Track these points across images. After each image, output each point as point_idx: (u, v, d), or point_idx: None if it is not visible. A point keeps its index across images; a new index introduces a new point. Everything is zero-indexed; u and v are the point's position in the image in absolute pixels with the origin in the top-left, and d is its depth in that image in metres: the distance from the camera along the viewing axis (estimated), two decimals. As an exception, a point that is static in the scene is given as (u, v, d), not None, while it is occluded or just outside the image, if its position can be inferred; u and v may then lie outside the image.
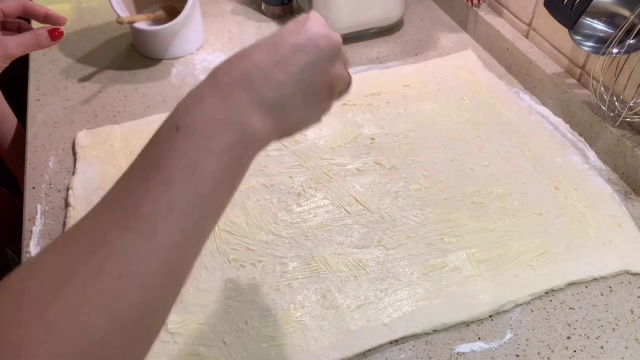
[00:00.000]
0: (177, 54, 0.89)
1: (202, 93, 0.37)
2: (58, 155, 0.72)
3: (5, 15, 0.63)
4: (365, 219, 0.63)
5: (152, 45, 0.88)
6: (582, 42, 0.68)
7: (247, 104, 0.36)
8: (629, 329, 0.54)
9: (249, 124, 0.36)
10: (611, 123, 0.70)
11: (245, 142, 0.36)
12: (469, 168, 0.70)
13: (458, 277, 0.57)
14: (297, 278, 0.57)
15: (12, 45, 0.60)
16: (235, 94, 0.36)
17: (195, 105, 0.36)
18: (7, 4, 0.62)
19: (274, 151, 0.71)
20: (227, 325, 0.53)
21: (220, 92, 0.36)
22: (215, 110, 0.35)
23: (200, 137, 0.34)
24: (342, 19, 0.90)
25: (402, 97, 0.81)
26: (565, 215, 0.64)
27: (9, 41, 0.60)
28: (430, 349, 0.52)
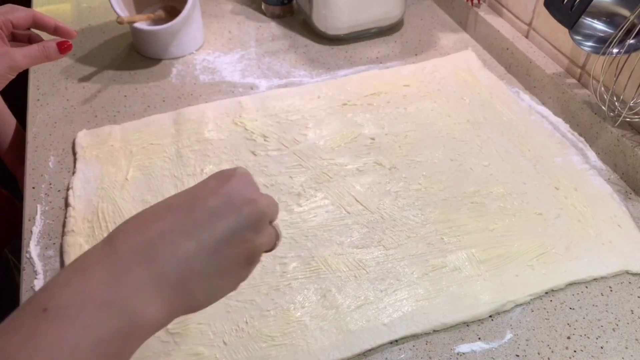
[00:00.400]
0: (177, 54, 0.89)
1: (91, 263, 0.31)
2: (58, 155, 0.72)
3: (14, 27, 0.62)
4: (365, 219, 0.63)
5: (152, 45, 0.88)
6: (582, 42, 0.68)
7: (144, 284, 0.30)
8: (629, 329, 0.54)
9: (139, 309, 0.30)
10: (611, 123, 0.70)
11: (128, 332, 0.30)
12: (469, 168, 0.70)
13: (458, 277, 0.57)
14: (297, 278, 0.57)
15: (20, 56, 0.59)
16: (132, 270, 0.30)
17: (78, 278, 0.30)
18: (16, 15, 0.62)
19: (274, 151, 0.71)
20: (227, 325, 0.53)
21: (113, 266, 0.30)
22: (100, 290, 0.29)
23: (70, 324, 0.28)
24: (342, 19, 0.90)
25: (402, 97, 0.81)
26: (565, 215, 0.64)
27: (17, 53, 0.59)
28: (430, 349, 0.52)
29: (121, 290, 0.30)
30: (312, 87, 0.82)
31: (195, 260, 0.32)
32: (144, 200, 0.65)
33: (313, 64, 0.89)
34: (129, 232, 0.32)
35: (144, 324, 0.31)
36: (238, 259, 0.35)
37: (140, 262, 0.31)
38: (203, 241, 0.33)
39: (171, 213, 0.33)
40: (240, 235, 0.35)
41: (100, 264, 0.30)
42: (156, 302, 0.31)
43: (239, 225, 0.35)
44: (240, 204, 0.35)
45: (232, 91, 0.83)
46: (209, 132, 0.74)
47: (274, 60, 0.90)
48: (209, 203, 0.34)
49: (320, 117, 0.77)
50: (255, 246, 0.36)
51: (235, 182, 0.36)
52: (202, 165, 0.69)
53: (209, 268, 0.33)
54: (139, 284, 0.30)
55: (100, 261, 0.31)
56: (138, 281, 0.30)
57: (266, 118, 0.76)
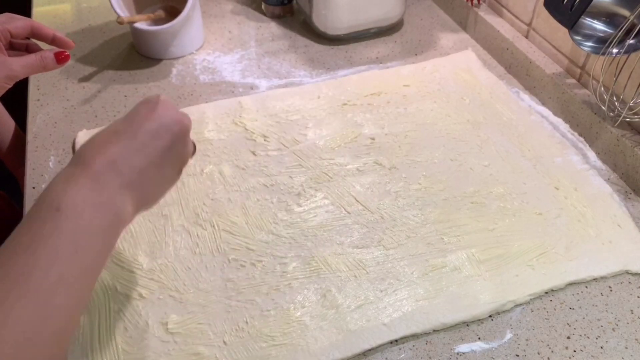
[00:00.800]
0: (177, 54, 0.89)
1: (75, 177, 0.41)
2: (58, 155, 0.72)
3: (12, 36, 0.62)
4: (365, 219, 0.63)
5: (152, 45, 0.89)
6: (582, 42, 0.68)
7: (118, 189, 0.42)
8: (629, 328, 0.54)
9: (120, 207, 0.42)
10: (611, 123, 0.70)
11: (117, 223, 0.42)
12: (469, 168, 0.70)
13: (458, 277, 0.57)
14: (297, 278, 0.57)
15: (17, 66, 0.60)
16: (106, 180, 0.41)
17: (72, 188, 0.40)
18: (14, 25, 0.62)
19: (274, 151, 0.71)
20: (227, 325, 0.53)
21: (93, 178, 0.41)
22: (91, 195, 0.40)
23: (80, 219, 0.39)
24: (342, 19, 0.90)
25: (402, 97, 0.81)
26: (565, 215, 0.64)
27: (14, 62, 0.60)
28: (430, 349, 0.52)
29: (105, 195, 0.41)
30: (312, 87, 0.82)
31: (148, 171, 0.44)
32: (144, 200, 0.65)
33: (313, 64, 0.89)
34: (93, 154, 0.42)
35: (124, 217, 0.43)
36: (174, 167, 0.48)
37: (111, 175, 0.42)
38: (150, 156, 0.44)
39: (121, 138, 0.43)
40: (174, 149, 0.46)
41: (84, 177, 0.41)
42: (129, 202, 0.43)
43: (173, 141, 0.46)
44: (170, 125, 0.46)
45: (232, 91, 0.83)
46: (209, 132, 0.74)
47: (274, 60, 0.90)
48: (146, 127, 0.44)
49: (320, 117, 0.77)
50: (185, 155, 0.49)
51: (161, 107, 0.46)
52: (203, 165, 0.69)
53: (157, 175, 0.45)
54: (115, 191, 0.42)
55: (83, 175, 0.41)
56: (114, 189, 0.42)
57: (266, 118, 0.76)
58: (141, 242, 0.60)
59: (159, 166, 0.45)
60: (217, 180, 0.67)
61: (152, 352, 0.51)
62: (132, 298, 0.55)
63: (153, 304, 0.55)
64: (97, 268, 0.41)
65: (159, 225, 0.62)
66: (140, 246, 0.60)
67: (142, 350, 0.51)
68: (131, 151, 0.43)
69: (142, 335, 0.52)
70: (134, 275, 0.57)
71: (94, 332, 0.52)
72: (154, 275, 0.57)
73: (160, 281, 0.57)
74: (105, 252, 0.41)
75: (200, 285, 0.56)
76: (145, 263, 0.58)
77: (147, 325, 0.53)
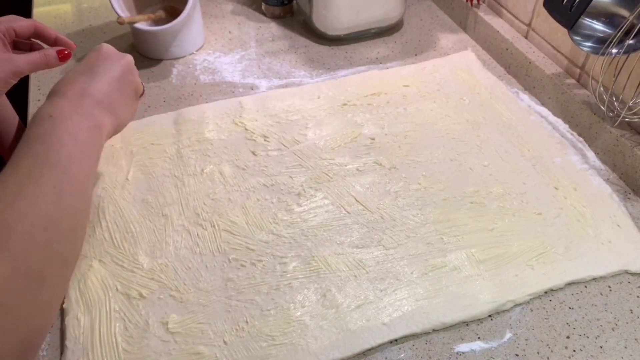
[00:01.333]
0: (178, 54, 0.90)
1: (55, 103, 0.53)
2: (58, 155, 0.72)
3: (17, 35, 0.64)
4: (365, 219, 0.63)
5: (152, 46, 0.89)
6: (581, 43, 0.68)
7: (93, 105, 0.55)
8: (628, 328, 0.54)
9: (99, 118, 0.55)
10: (610, 123, 0.70)
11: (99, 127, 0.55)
12: (469, 168, 0.70)
13: (458, 277, 0.57)
14: (297, 278, 0.57)
15: (22, 62, 0.61)
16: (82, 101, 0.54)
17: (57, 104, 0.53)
18: (19, 24, 0.64)
19: (274, 151, 0.72)
20: (227, 325, 0.53)
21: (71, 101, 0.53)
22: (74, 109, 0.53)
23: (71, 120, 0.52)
24: (342, 19, 0.90)
25: (402, 97, 0.81)
26: (564, 215, 0.64)
27: (19, 59, 0.61)
28: (430, 349, 0.52)
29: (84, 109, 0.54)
30: (312, 87, 0.82)
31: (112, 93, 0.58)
32: (145, 200, 0.65)
33: (313, 64, 0.89)
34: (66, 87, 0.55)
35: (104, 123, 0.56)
36: (131, 91, 0.62)
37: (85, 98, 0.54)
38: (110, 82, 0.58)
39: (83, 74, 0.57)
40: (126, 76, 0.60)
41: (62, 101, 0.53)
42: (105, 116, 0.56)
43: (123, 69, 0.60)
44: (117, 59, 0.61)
45: (233, 91, 0.83)
46: (210, 132, 0.74)
47: (274, 60, 0.90)
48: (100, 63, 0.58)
49: (320, 117, 0.77)
50: (137, 84, 0.63)
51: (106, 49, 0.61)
52: (203, 165, 0.69)
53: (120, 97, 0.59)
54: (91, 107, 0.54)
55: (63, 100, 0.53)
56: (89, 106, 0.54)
57: (266, 118, 0.77)
58: (141, 241, 0.60)
59: (119, 90, 0.58)
60: (217, 180, 0.68)
61: (152, 352, 0.51)
62: (133, 298, 0.55)
63: (153, 303, 0.55)
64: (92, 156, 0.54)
65: (159, 225, 0.62)
66: (141, 246, 0.60)
67: (142, 349, 0.51)
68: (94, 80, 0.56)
69: (143, 334, 0.52)
70: (134, 275, 0.57)
71: (94, 331, 0.52)
72: (154, 275, 0.57)
73: (161, 281, 0.57)
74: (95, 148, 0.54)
75: (201, 284, 0.57)
76: (145, 263, 0.58)
77: (147, 325, 0.53)
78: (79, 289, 0.56)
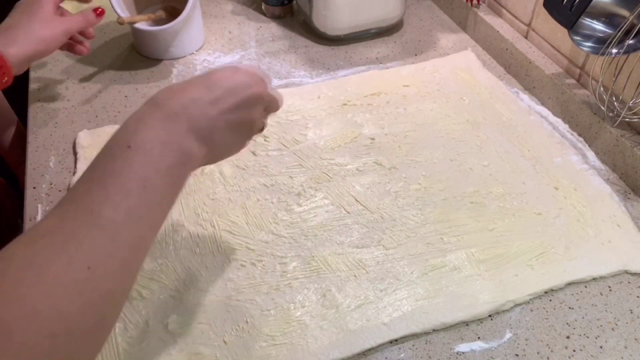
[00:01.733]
0: (178, 54, 0.90)
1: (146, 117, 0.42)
2: (59, 156, 0.72)
3: None
4: (365, 219, 0.63)
5: (152, 46, 0.89)
6: (581, 43, 0.68)
7: (187, 131, 0.43)
8: (628, 328, 0.54)
9: (188, 148, 0.43)
10: (610, 123, 0.70)
11: (184, 163, 0.43)
12: (469, 168, 0.70)
13: (457, 277, 0.57)
14: (297, 278, 0.57)
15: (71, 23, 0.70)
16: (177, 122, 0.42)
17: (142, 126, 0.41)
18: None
19: (274, 151, 0.72)
20: (227, 325, 0.53)
21: (164, 118, 0.42)
22: (161, 134, 0.41)
23: (149, 156, 0.40)
24: (342, 20, 0.90)
25: (402, 97, 0.81)
26: (564, 215, 0.64)
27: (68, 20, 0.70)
28: (430, 349, 0.52)
29: (175, 135, 0.42)
30: (312, 87, 0.82)
31: (217, 122, 0.45)
32: (145, 200, 0.65)
33: (313, 64, 0.89)
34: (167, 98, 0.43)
35: (191, 160, 0.43)
36: (242, 129, 0.48)
37: (182, 118, 0.42)
38: (221, 109, 0.45)
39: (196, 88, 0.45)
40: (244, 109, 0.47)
41: (156, 117, 0.42)
42: (196, 146, 0.43)
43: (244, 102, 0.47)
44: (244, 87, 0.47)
45: (233, 91, 0.83)
46: (209, 132, 0.74)
47: (274, 60, 0.90)
48: (221, 83, 0.46)
49: (320, 117, 0.77)
50: (254, 120, 0.49)
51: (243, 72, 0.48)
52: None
53: (225, 129, 0.46)
54: (184, 132, 0.42)
55: (155, 115, 0.42)
56: (183, 130, 0.42)
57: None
58: (141, 242, 0.60)
59: (228, 122, 0.46)
60: (217, 180, 0.68)
61: (152, 352, 0.51)
62: (133, 298, 0.55)
63: (153, 303, 0.55)
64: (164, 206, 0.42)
65: (159, 225, 0.62)
66: (141, 246, 0.60)
67: (142, 350, 0.51)
68: (204, 100, 0.44)
69: (143, 335, 0.52)
70: (135, 275, 0.57)
71: (94, 331, 0.52)
72: (155, 275, 0.57)
73: (161, 281, 0.57)
74: (172, 191, 0.42)
75: (201, 285, 0.57)
76: (145, 263, 0.58)
77: (147, 325, 0.53)
78: (79, 289, 0.56)
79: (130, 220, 0.38)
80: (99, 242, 0.36)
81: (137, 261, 0.40)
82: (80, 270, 0.35)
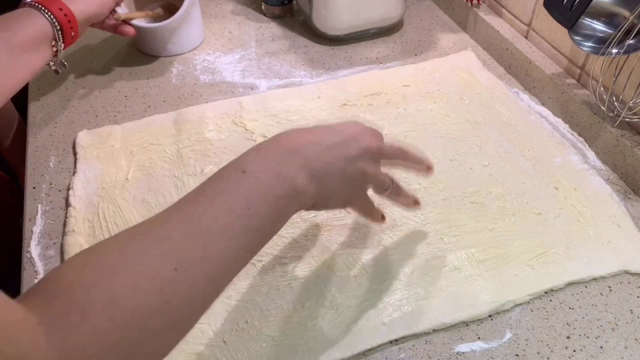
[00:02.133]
0: (176, 51, 0.89)
1: (266, 148, 0.45)
2: (58, 155, 0.72)
3: None
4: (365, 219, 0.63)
5: (151, 43, 0.89)
6: (581, 43, 0.68)
7: (301, 169, 0.44)
8: (629, 328, 0.54)
9: (298, 184, 0.44)
10: (610, 123, 0.70)
11: (292, 197, 0.44)
12: (469, 168, 0.70)
13: (458, 277, 0.57)
14: (297, 278, 0.57)
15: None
16: (293, 159, 0.44)
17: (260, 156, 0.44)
18: None
19: (274, 151, 0.71)
20: (227, 325, 0.53)
21: (283, 153, 0.44)
22: (275, 165, 0.43)
23: (260, 183, 0.42)
24: (342, 19, 0.90)
25: (402, 97, 0.81)
26: (564, 215, 0.64)
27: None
28: (430, 349, 0.52)
29: (288, 169, 0.43)
30: (312, 87, 0.82)
31: (331, 167, 0.46)
32: (145, 200, 0.65)
33: (313, 64, 0.89)
34: (289, 136, 0.46)
35: (301, 195, 0.44)
36: (355, 179, 0.49)
37: (299, 156, 0.45)
38: (336, 156, 0.46)
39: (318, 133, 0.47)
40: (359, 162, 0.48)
41: (272, 151, 0.45)
42: (307, 182, 0.44)
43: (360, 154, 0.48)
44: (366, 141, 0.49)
45: (233, 91, 0.83)
46: (210, 132, 0.74)
47: (274, 60, 0.90)
48: (343, 134, 0.48)
49: (321, 117, 0.77)
50: (367, 175, 0.49)
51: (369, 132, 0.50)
52: (203, 165, 0.69)
53: (337, 176, 0.47)
54: (298, 168, 0.44)
55: (272, 149, 0.45)
56: (297, 166, 0.44)
57: (266, 118, 0.76)
58: (141, 242, 0.60)
59: (341, 170, 0.47)
60: (217, 180, 0.67)
61: (152, 352, 0.51)
62: (133, 298, 0.55)
63: (153, 303, 0.55)
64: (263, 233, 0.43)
65: (159, 225, 0.62)
66: (141, 246, 0.60)
67: (142, 349, 0.51)
68: (322, 144, 0.46)
69: (143, 335, 0.52)
70: (134, 275, 0.57)
71: (94, 331, 0.52)
72: (154, 275, 0.57)
73: (161, 281, 0.57)
74: (274, 221, 0.43)
75: (201, 285, 0.56)
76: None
77: (147, 325, 0.53)
78: (78, 289, 0.56)
79: (225, 236, 0.39)
80: (191, 247, 0.38)
81: (223, 278, 0.41)
82: (168, 269, 0.36)
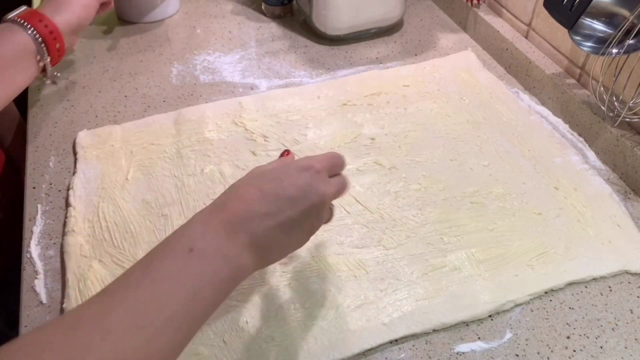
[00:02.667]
0: (155, 17, 0.96)
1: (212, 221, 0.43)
2: (58, 155, 0.72)
3: None
4: (365, 219, 0.63)
5: (129, 8, 0.94)
6: (581, 43, 0.68)
7: (245, 247, 0.43)
8: (629, 328, 0.54)
9: (244, 263, 0.43)
10: (610, 123, 0.70)
11: (237, 277, 0.43)
12: (469, 168, 0.70)
13: (458, 277, 0.57)
14: (297, 278, 0.57)
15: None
16: (239, 233, 0.43)
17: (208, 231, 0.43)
18: None
19: (274, 151, 0.71)
20: (227, 325, 0.53)
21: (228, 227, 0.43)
22: (222, 245, 0.42)
23: (207, 265, 0.41)
24: (342, 19, 0.90)
25: (402, 97, 0.81)
26: (564, 215, 0.64)
27: None
28: (430, 349, 0.52)
29: (234, 248, 0.42)
30: (312, 87, 0.82)
31: (276, 236, 0.45)
32: (145, 200, 0.65)
33: (313, 64, 0.89)
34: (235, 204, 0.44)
35: (244, 272, 0.44)
36: (303, 234, 0.48)
37: (244, 230, 0.43)
38: (283, 223, 0.45)
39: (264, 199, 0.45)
40: (308, 220, 0.47)
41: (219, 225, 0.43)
42: (251, 259, 0.44)
43: (308, 211, 0.46)
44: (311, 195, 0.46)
45: (233, 91, 0.83)
46: (210, 132, 0.74)
47: (274, 60, 0.90)
48: (288, 193, 0.45)
49: (320, 117, 0.77)
50: (317, 225, 0.49)
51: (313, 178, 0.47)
52: (203, 165, 0.69)
53: (284, 240, 0.46)
54: (243, 246, 0.43)
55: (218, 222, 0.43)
56: (242, 244, 0.43)
57: (266, 118, 0.76)
58: (141, 242, 0.60)
59: (288, 234, 0.46)
60: (217, 180, 0.68)
61: (152, 352, 0.51)
62: (133, 298, 0.55)
63: (153, 303, 0.55)
64: (204, 319, 0.41)
65: (159, 225, 0.62)
66: (141, 246, 0.60)
67: (142, 350, 0.51)
68: (268, 215, 0.44)
69: (143, 335, 0.52)
70: (134, 275, 0.57)
71: (94, 331, 0.52)
72: (154, 275, 0.57)
73: (161, 281, 0.57)
74: (216, 304, 0.42)
75: (201, 285, 0.56)
76: (145, 263, 0.58)
77: (147, 325, 0.53)
78: (78, 289, 0.56)
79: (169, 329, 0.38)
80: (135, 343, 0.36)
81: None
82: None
